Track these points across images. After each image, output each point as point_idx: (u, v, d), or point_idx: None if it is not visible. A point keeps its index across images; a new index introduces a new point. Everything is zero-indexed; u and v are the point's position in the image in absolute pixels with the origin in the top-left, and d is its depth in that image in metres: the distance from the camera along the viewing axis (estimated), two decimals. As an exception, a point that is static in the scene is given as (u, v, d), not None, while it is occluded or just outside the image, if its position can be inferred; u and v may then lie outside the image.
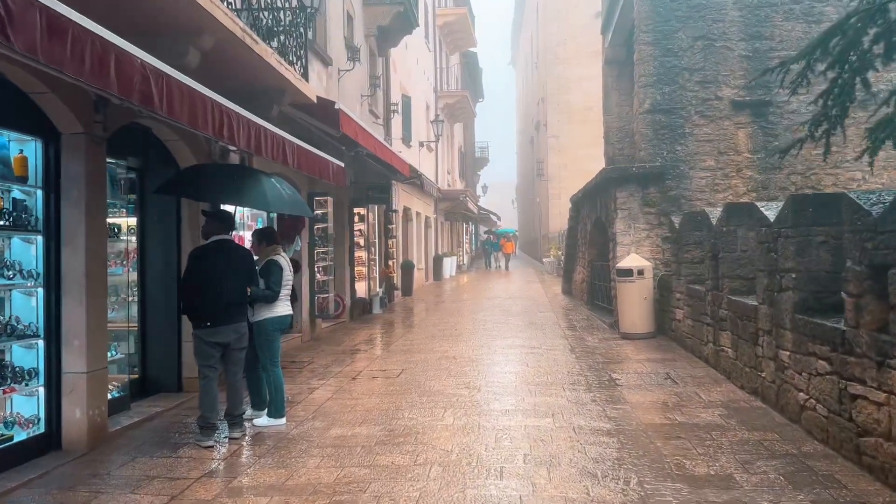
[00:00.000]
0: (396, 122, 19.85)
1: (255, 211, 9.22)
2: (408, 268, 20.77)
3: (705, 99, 12.12)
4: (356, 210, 14.95)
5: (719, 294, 8.26)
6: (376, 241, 16.36)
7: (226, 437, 6.01)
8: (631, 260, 11.33)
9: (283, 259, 6.63)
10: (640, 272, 11.05)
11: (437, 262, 28.80)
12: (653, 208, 11.93)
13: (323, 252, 12.21)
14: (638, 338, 10.93)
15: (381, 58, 17.89)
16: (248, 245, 7.36)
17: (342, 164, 8.55)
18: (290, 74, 7.46)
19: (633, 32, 13.14)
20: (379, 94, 17.60)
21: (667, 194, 11.98)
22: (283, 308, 6.53)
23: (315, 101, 8.50)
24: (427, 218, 27.14)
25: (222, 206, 6.37)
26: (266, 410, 6.51)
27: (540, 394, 7.39)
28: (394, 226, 18.58)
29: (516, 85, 73.78)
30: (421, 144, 24.66)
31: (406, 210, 22.43)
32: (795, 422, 6.02)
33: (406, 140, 21.37)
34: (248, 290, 6.24)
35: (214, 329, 5.90)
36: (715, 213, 8.71)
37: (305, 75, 8.41)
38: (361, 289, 15.09)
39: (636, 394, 7.33)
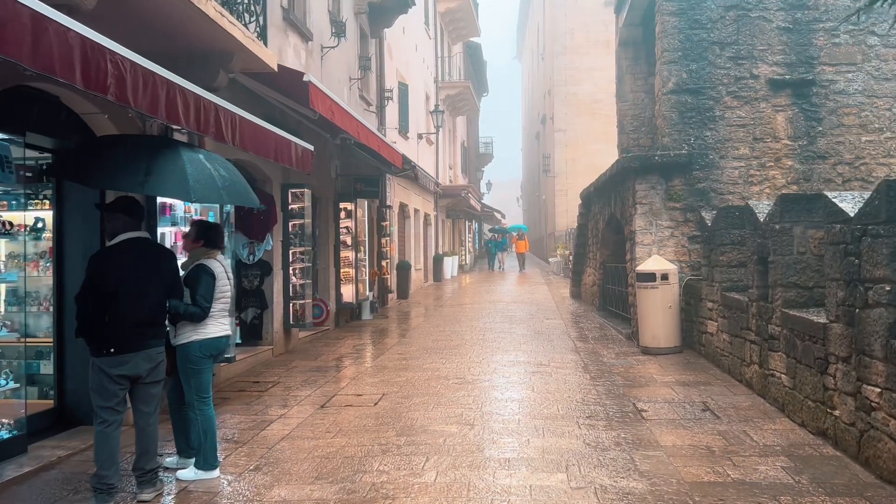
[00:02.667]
0: (392, 112, 18.32)
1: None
2: (404, 269, 19.25)
3: (738, 77, 10.52)
4: (342, 205, 13.42)
5: (768, 306, 6.74)
6: (366, 239, 14.79)
7: (134, 500, 4.54)
8: (653, 262, 9.78)
9: (218, 264, 5.13)
10: (664, 277, 9.51)
11: (437, 262, 27.26)
12: (678, 203, 10.34)
13: (301, 252, 10.70)
14: (661, 353, 9.40)
15: (373, 39, 16.34)
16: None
17: (310, 147, 7.05)
18: (237, 31, 5.95)
19: (653, 5, 11.59)
20: (371, 79, 16.06)
21: (694, 187, 10.40)
22: (215, 328, 5.02)
23: (275, 69, 6.98)
24: (426, 215, 25.58)
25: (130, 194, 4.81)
26: (194, 459, 5.04)
27: (549, 432, 5.89)
28: (387, 223, 17.04)
29: (522, 79, 72.10)
30: (420, 136, 23.11)
31: (403, 206, 20.90)
32: (890, 482, 4.54)
33: (403, 130, 19.83)
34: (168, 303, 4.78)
35: (121, 357, 4.45)
36: (761, 207, 7.18)
37: (263, 37, 6.91)
38: (348, 293, 13.55)
39: (670, 433, 5.83)
